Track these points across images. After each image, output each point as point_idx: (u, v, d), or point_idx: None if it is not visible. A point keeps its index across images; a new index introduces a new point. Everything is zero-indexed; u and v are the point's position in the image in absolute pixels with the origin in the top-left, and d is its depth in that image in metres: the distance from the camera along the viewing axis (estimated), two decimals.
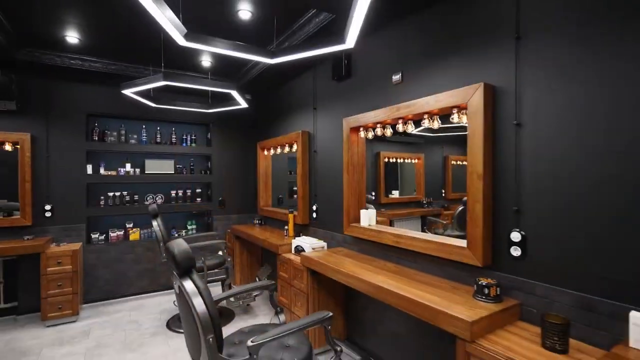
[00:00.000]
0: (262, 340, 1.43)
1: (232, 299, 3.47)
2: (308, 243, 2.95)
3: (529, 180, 1.65)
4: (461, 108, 1.92)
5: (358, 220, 2.75)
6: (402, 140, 2.65)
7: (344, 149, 2.84)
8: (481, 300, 1.68)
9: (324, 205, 3.27)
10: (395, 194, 2.85)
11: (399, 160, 2.81)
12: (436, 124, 2.13)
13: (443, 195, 2.39)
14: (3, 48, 3.01)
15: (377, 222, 2.69)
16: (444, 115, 2.08)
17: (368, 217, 2.66)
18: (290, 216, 3.58)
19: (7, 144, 3.52)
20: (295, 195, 3.78)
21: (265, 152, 4.47)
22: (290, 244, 3.17)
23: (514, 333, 1.52)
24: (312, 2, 1.35)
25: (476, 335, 1.46)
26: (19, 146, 3.53)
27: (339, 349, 1.68)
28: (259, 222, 4.46)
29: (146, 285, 4.20)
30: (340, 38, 1.99)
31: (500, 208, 1.77)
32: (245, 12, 2.61)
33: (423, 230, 2.49)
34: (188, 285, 1.45)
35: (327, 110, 3.21)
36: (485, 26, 1.84)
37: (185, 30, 1.95)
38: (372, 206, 2.99)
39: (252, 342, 1.42)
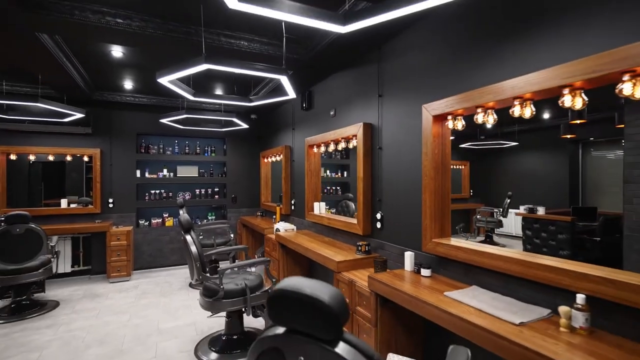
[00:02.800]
0: (226, 267, 2.67)
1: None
2: (283, 227, 4.17)
3: (384, 182, 2.75)
4: (356, 137, 3.05)
5: (313, 209, 3.92)
6: None
7: (305, 159, 4.03)
8: (358, 254, 2.79)
9: (298, 200, 4.48)
10: None
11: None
12: (351, 145, 3.26)
13: None
14: (85, 93, 4.55)
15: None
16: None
17: (318, 207, 3.82)
18: (278, 208, 4.82)
19: (85, 156, 5.10)
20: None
21: (265, 160, 5.76)
22: (273, 227, 4.40)
23: (367, 270, 2.63)
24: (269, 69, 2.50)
25: (341, 269, 2.59)
26: (92, 157, 5.10)
27: (274, 280, 2.88)
28: (261, 214, 5.75)
29: (177, 259, 5.64)
30: (285, 93, 3.19)
31: (373, 199, 2.88)
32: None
33: None
34: (188, 237, 2.74)
35: (299, 131, 4.42)
36: (369, 87, 2.96)
37: (193, 91, 3.25)
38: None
39: (219, 268, 2.66)
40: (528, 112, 1.66)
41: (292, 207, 4.63)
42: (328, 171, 5.27)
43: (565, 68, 1.44)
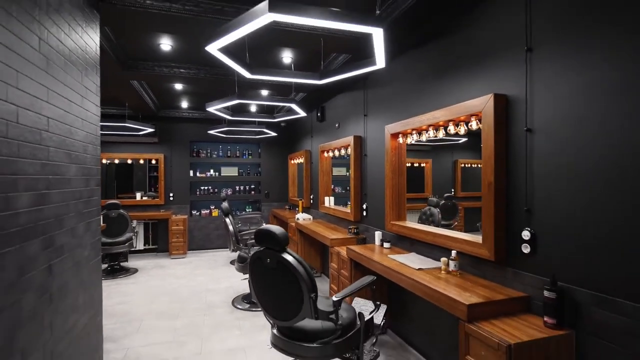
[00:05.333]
0: (253, 242, 3.75)
1: None
2: (302, 217, 5.19)
3: (368, 180, 3.65)
4: (350, 146, 3.96)
5: (324, 203, 4.89)
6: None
7: (319, 162, 5.02)
8: (349, 235, 3.72)
9: (315, 195, 5.47)
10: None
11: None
12: (348, 151, 4.18)
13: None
14: (153, 111, 5.93)
15: None
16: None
17: (328, 200, 4.79)
18: (300, 202, 5.86)
19: (153, 160, 6.54)
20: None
21: (292, 162, 6.83)
22: (295, 217, 5.45)
23: (353, 246, 3.55)
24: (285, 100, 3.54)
25: (333, 245, 3.55)
26: (158, 160, 6.52)
27: None
28: (289, 207, 6.83)
29: (221, 244, 6.92)
30: (298, 112, 4.21)
31: (361, 193, 3.78)
32: (264, 91, 4.97)
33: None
34: (227, 219, 3.86)
35: (316, 138, 5.41)
36: (359, 107, 3.86)
37: (231, 113, 4.38)
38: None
39: (248, 242, 3.75)
40: (441, 134, 2.50)
41: (311, 201, 5.64)
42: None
43: (449, 110, 2.27)
